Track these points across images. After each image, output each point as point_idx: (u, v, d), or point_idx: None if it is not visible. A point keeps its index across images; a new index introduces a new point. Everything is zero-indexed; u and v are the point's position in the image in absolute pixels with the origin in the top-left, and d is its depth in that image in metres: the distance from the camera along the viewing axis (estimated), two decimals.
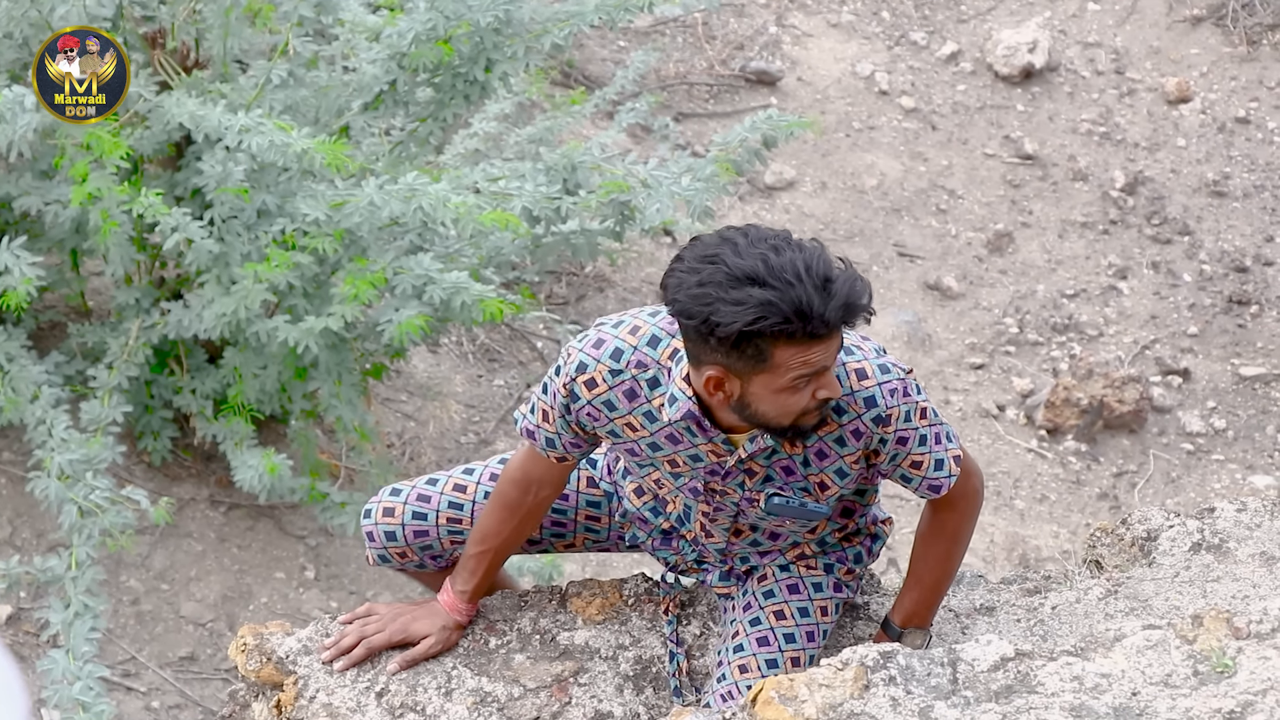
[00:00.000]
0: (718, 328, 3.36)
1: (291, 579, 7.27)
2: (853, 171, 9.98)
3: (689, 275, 3.39)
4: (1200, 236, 9.71)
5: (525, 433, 3.83)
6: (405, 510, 4.06)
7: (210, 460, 7.33)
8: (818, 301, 3.33)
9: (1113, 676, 3.20)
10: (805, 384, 3.45)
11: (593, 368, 3.67)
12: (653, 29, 10.51)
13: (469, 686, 4.02)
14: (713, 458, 3.71)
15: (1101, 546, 4.48)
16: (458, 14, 6.45)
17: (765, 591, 3.99)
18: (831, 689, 3.24)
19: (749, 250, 3.36)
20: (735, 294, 3.34)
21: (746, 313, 3.33)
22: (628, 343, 3.66)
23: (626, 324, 3.69)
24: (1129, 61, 10.64)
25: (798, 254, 3.36)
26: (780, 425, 3.54)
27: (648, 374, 3.65)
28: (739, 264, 3.35)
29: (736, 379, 3.47)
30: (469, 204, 5.96)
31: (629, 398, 3.67)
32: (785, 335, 3.36)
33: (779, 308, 3.33)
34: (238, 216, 6.31)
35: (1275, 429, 8.85)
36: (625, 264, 9.21)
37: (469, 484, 4.08)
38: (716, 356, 3.44)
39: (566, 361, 3.70)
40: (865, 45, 10.68)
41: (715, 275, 3.36)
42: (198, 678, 6.87)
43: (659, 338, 3.65)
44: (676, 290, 3.41)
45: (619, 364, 3.65)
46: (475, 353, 8.64)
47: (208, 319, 6.36)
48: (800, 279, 3.33)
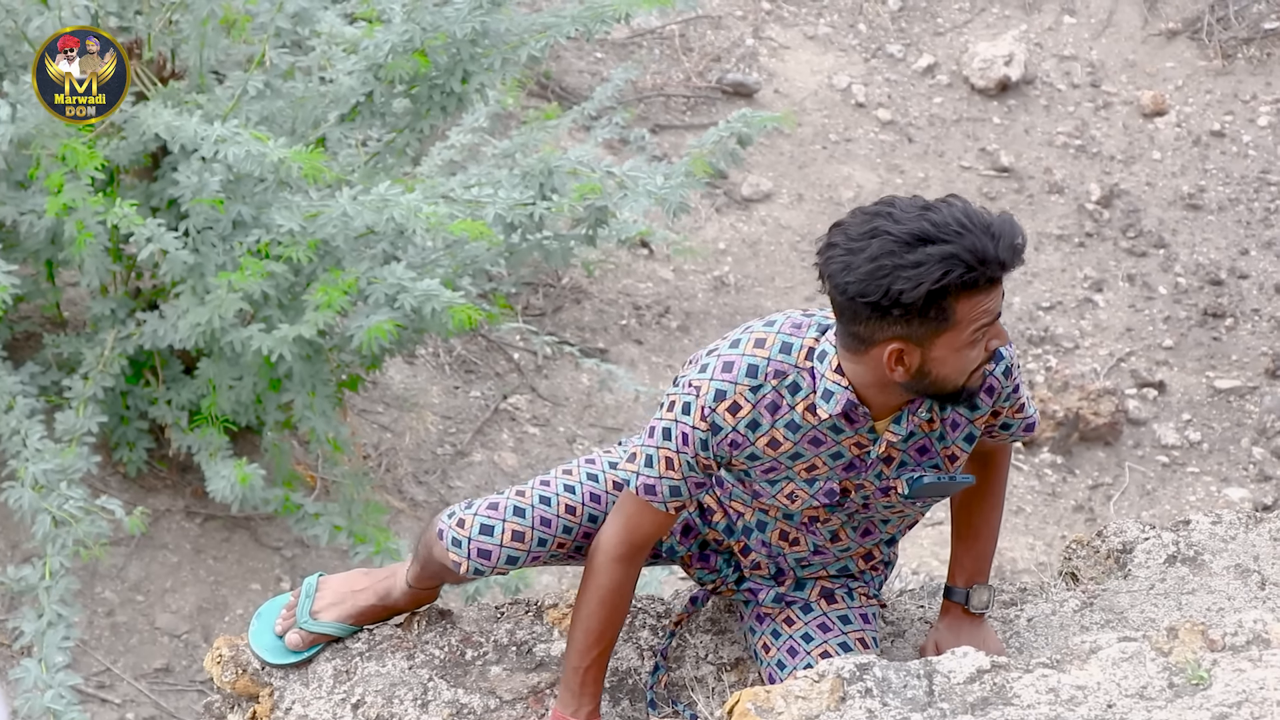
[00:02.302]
0: (902, 295, 3.34)
1: (267, 590, 7.26)
2: (829, 183, 9.99)
3: (854, 255, 3.37)
4: (1176, 249, 9.73)
5: (643, 490, 3.70)
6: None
7: (186, 471, 7.32)
8: (990, 246, 3.34)
9: (1088, 688, 3.21)
10: (982, 336, 3.46)
11: (732, 392, 3.60)
12: (630, 40, 10.52)
13: (445, 698, 4.02)
14: (854, 451, 3.68)
15: (1077, 559, 4.49)
16: (434, 26, 6.45)
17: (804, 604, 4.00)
18: (808, 701, 3.24)
19: (905, 215, 3.36)
20: (912, 257, 3.33)
21: (931, 270, 3.32)
22: (759, 356, 3.61)
23: (746, 340, 3.64)
24: (1105, 75, 10.66)
25: (952, 208, 3.37)
26: (955, 387, 3.53)
27: (787, 381, 3.61)
28: (904, 229, 3.34)
29: (916, 348, 3.44)
30: (440, 213, 5.95)
31: (771, 411, 3.61)
32: (968, 286, 3.36)
33: (960, 259, 3.33)
34: (213, 227, 6.30)
35: (1250, 441, 8.87)
36: (602, 275, 9.21)
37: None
38: (896, 329, 3.41)
39: (697, 396, 3.61)
40: (842, 57, 10.69)
41: (885, 246, 3.35)
42: (173, 689, 6.85)
43: (790, 343, 3.61)
44: (845, 273, 3.38)
45: (757, 379, 3.60)
46: (452, 364, 8.63)
47: (183, 329, 6.35)
48: (966, 228, 3.34)
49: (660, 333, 9.12)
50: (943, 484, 3.75)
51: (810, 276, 9.49)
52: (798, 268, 9.55)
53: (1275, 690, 3.08)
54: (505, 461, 8.24)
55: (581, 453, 8.38)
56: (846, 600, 3.99)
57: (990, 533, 4.04)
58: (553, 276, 9.09)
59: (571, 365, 8.73)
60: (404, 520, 7.74)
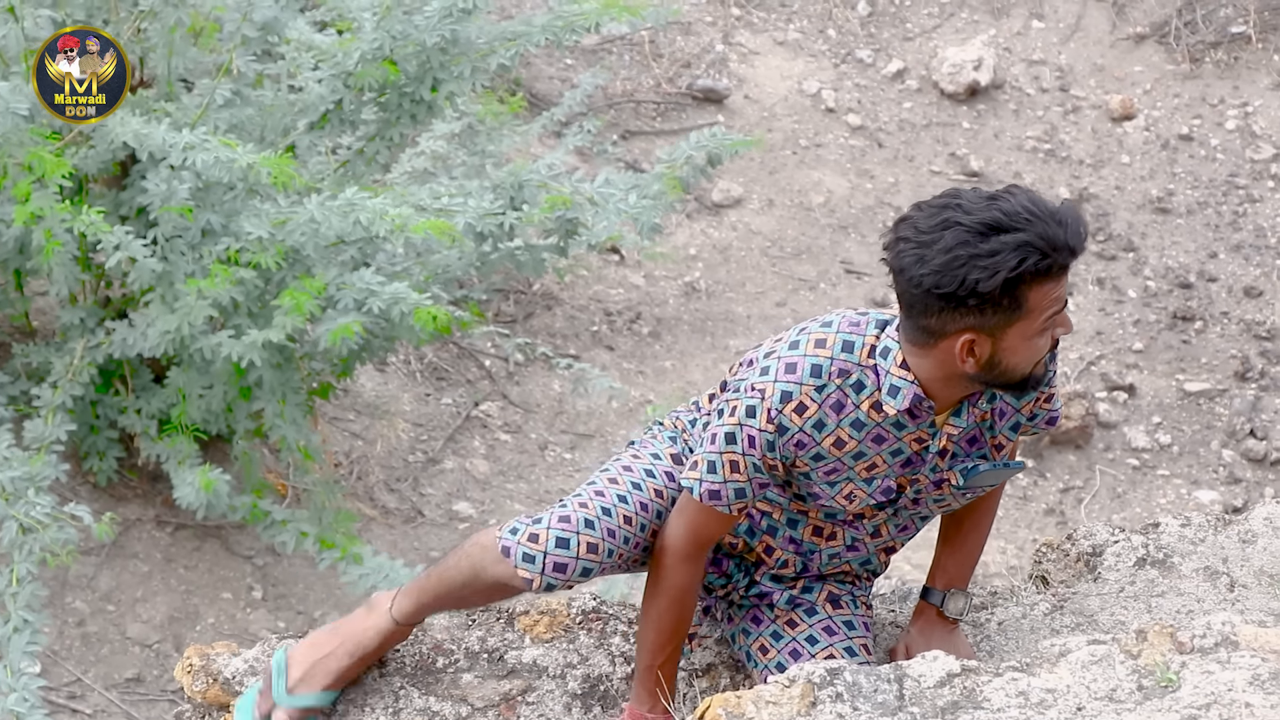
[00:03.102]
0: (979, 284, 3.36)
1: (239, 599, 7.25)
2: (800, 189, 10.00)
3: (926, 248, 3.40)
4: (1145, 253, 9.76)
5: (707, 495, 3.69)
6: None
7: (156, 480, 7.30)
8: (1060, 233, 3.37)
9: (1058, 692, 3.21)
10: (1050, 324, 3.48)
11: (798, 392, 3.60)
12: (600, 47, 10.52)
13: (417, 706, 4.01)
14: (914, 447, 3.69)
15: (1047, 562, 4.49)
16: (404, 34, 6.45)
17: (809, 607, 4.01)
18: (779, 706, 3.24)
19: (975, 205, 3.39)
20: (987, 246, 3.36)
21: (1008, 259, 3.34)
22: (822, 355, 3.61)
23: (806, 341, 3.64)
24: (1073, 79, 10.69)
25: (1018, 197, 3.40)
26: (1023, 376, 3.54)
27: (851, 380, 3.61)
28: (976, 219, 3.37)
29: (988, 338, 3.46)
30: (405, 214, 5.94)
31: (837, 410, 3.62)
32: (1041, 274, 3.38)
33: (1034, 246, 3.35)
34: (182, 235, 6.29)
35: (1219, 444, 8.90)
36: (573, 282, 9.21)
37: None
38: (969, 320, 3.43)
39: (763, 399, 3.60)
40: (812, 63, 10.71)
41: (958, 237, 3.37)
42: (144, 699, 6.83)
43: (851, 341, 3.61)
44: (919, 266, 3.40)
45: (821, 379, 3.60)
46: (423, 371, 8.62)
47: (152, 337, 6.33)
48: (1036, 216, 3.37)
49: (631, 338, 9.12)
50: (997, 471, 3.78)
51: (782, 282, 9.51)
52: (768, 273, 9.56)
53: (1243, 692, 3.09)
54: (477, 469, 8.23)
55: (553, 460, 8.38)
56: (850, 606, 4.00)
57: (978, 539, 4.05)
58: (524, 283, 9.09)
59: (543, 371, 8.73)
60: (375, 528, 7.73)
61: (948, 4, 11.08)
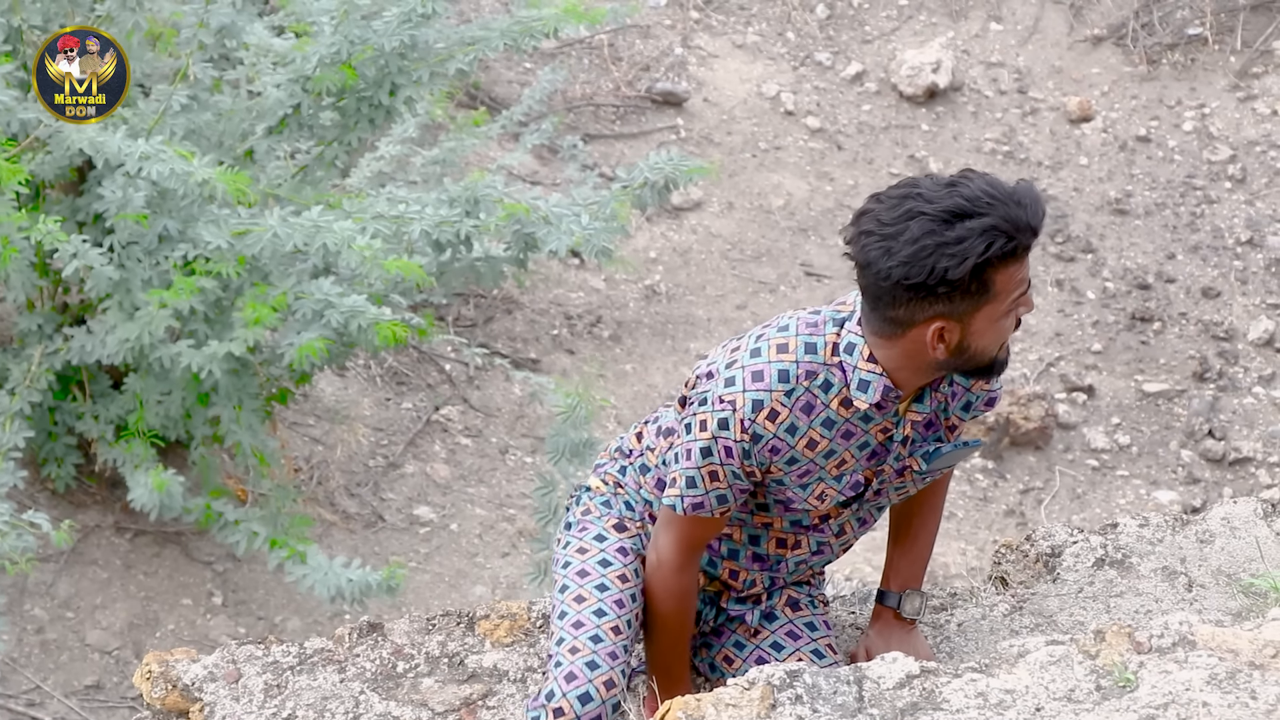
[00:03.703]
0: (948, 272, 3.37)
1: (199, 605, 7.23)
2: (759, 192, 10.01)
3: (892, 240, 3.41)
4: (1103, 254, 9.79)
5: (691, 509, 3.69)
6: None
7: (115, 487, 7.28)
8: (1023, 214, 3.39)
9: (1017, 692, 3.22)
10: (1016, 304, 3.50)
11: (769, 400, 3.60)
12: (559, 50, 10.52)
13: (377, 711, 4.01)
14: (880, 437, 3.70)
15: (1006, 563, 4.50)
16: (362, 38, 6.44)
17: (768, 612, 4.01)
18: (739, 709, 3.24)
19: (936, 193, 3.40)
20: (953, 234, 3.37)
21: (976, 244, 3.36)
22: (786, 360, 3.61)
23: (767, 348, 3.64)
24: (1031, 81, 10.72)
25: (976, 181, 3.41)
26: (990, 359, 3.57)
27: (818, 380, 3.61)
28: (938, 207, 3.38)
29: (958, 324, 3.48)
30: (374, 248, 5.94)
31: (807, 412, 3.62)
32: (1007, 256, 3.39)
33: (999, 229, 3.37)
34: (138, 242, 6.27)
35: (1178, 444, 8.93)
36: (533, 286, 9.20)
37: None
38: (938, 307, 3.45)
39: (734, 410, 3.60)
40: (771, 66, 10.72)
41: (923, 226, 3.38)
42: (104, 706, 6.81)
43: (813, 343, 3.62)
44: (886, 258, 3.41)
45: (789, 383, 3.60)
46: (383, 376, 8.61)
47: (111, 345, 6.31)
48: (997, 199, 3.39)
49: (592, 342, 9.12)
50: (956, 451, 3.80)
51: (742, 285, 9.52)
52: (729, 276, 9.56)
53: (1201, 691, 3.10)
54: (438, 473, 8.22)
55: (514, 464, 8.37)
56: (809, 607, 4.01)
57: (928, 539, 4.06)
58: (484, 288, 9.08)
59: (503, 376, 8.73)
60: (336, 533, 7.72)
61: (906, 6, 11.10)
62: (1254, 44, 10.76)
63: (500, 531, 8.02)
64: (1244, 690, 3.09)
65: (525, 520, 8.06)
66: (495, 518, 8.08)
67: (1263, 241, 9.85)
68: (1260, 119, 10.47)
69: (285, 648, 4.21)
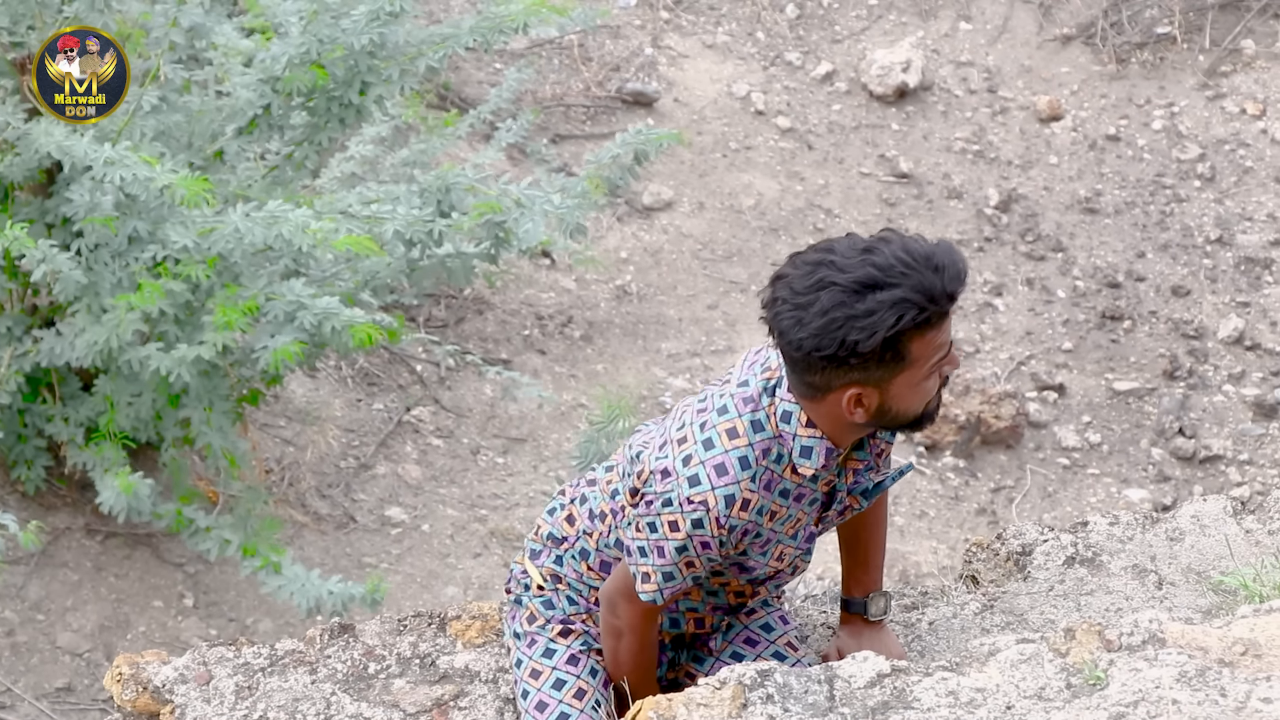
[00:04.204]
0: (858, 345, 3.33)
1: (170, 607, 7.21)
2: (730, 191, 10.02)
3: (803, 310, 3.36)
4: (1073, 253, 9.81)
5: (668, 594, 3.66)
6: None
7: (85, 489, 7.26)
8: (937, 281, 3.33)
9: (987, 691, 3.23)
10: (937, 367, 3.45)
11: (739, 491, 3.55)
12: (529, 50, 10.51)
13: (348, 712, 4.00)
14: (824, 489, 3.68)
15: (977, 561, 4.51)
16: (331, 38, 6.43)
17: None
18: (710, 708, 3.25)
19: (848, 262, 3.34)
20: (863, 306, 3.32)
21: (885, 318, 3.31)
22: (742, 445, 3.55)
23: (718, 437, 3.57)
24: (1001, 80, 10.74)
25: (891, 245, 3.36)
26: (915, 416, 3.53)
27: (772, 455, 3.56)
28: (850, 277, 3.33)
29: (875, 390, 3.44)
30: (326, 228, 5.93)
31: (768, 488, 3.58)
32: (920, 326, 3.35)
33: (910, 301, 3.32)
34: (107, 245, 6.25)
35: (1149, 443, 8.95)
36: (504, 286, 9.20)
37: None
38: (852, 376, 3.41)
39: (708, 509, 3.54)
40: (741, 66, 10.72)
41: (834, 297, 3.33)
42: (75, 709, 6.79)
43: (757, 419, 3.56)
44: (797, 329, 3.37)
45: (751, 468, 3.55)
46: (354, 377, 8.60)
47: (80, 347, 6.30)
48: (911, 267, 3.32)
49: (563, 342, 9.12)
50: (894, 475, 3.79)
51: (713, 284, 9.52)
52: (699, 276, 9.57)
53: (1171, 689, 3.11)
54: (409, 474, 8.22)
55: (486, 465, 8.37)
56: (763, 608, 4.01)
57: (879, 546, 4.05)
58: (455, 288, 9.07)
59: (475, 376, 8.72)
60: (307, 534, 7.70)
61: (876, 6, 11.12)
62: (1222, 43, 10.79)
63: (472, 532, 8.01)
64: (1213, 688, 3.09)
65: (497, 521, 8.05)
66: (467, 518, 8.08)
67: (1232, 240, 9.88)
68: (1229, 117, 10.50)
69: (256, 649, 4.20)
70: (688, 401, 3.70)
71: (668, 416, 3.73)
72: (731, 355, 9.09)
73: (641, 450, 3.67)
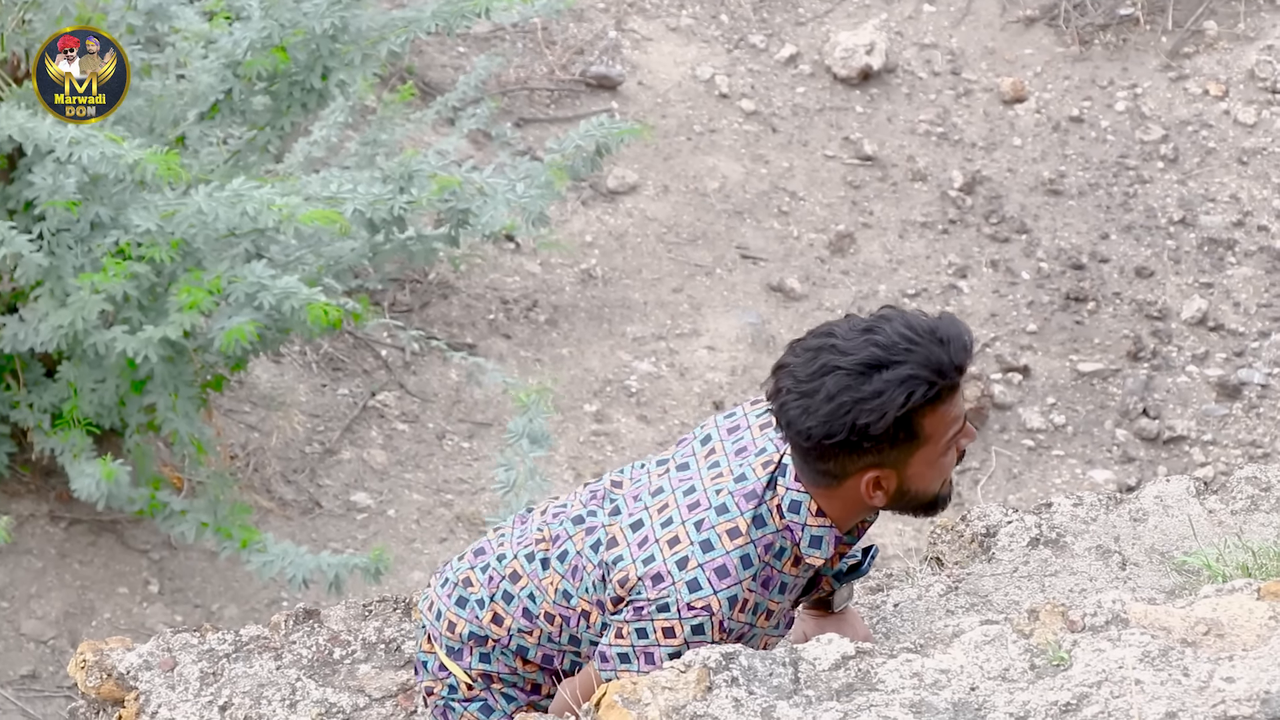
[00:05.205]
0: (870, 428, 3.26)
1: (135, 593, 7.19)
2: (694, 175, 10.01)
3: (809, 398, 3.29)
4: (1038, 235, 9.83)
5: None
6: None
7: (50, 475, 7.23)
8: (943, 354, 3.28)
9: (951, 672, 3.23)
10: (953, 441, 3.38)
11: (741, 592, 3.44)
12: (492, 34, 10.49)
13: (314, 697, 4.00)
14: (809, 574, 3.57)
15: (942, 543, 4.52)
16: (293, 22, 6.41)
17: None
18: (674, 691, 3.24)
19: (850, 344, 3.28)
20: (870, 387, 3.25)
21: (895, 397, 3.25)
22: (743, 544, 3.43)
23: (717, 538, 3.44)
24: (965, 62, 10.75)
25: (893, 322, 3.29)
26: (935, 494, 3.45)
27: (774, 549, 3.46)
28: (854, 360, 3.26)
29: (893, 470, 3.36)
30: (292, 203, 5.91)
31: (765, 586, 3.47)
32: (931, 401, 3.28)
33: (919, 378, 3.26)
34: (69, 229, 6.23)
35: (1113, 424, 8.98)
36: (469, 271, 9.19)
37: None
38: (869, 459, 3.33)
39: (710, 614, 3.42)
40: (705, 49, 10.72)
41: (839, 382, 3.26)
42: (40, 696, 6.78)
43: (760, 515, 3.45)
44: (805, 418, 3.29)
45: (753, 566, 3.44)
46: (319, 362, 8.58)
47: (44, 332, 6.28)
48: (915, 343, 3.27)
49: (528, 327, 9.11)
50: (870, 563, 3.75)
51: (678, 268, 9.52)
52: (664, 259, 9.56)
53: (1134, 669, 3.11)
54: (375, 459, 8.21)
55: (451, 449, 8.36)
56: None
57: None
58: (419, 272, 9.06)
59: (440, 361, 8.71)
60: (273, 520, 7.69)
61: None
62: (1185, 24, 10.81)
63: (438, 517, 8.01)
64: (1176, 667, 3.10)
65: (463, 505, 8.05)
66: (433, 503, 8.07)
67: (1195, 221, 9.90)
68: (1191, 99, 10.53)
69: (221, 635, 4.19)
70: (661, 483, 3.56)
71: (620, 494, 3.60)
72: (697, 339, 9.10)
73: (620, 557, 3.51)
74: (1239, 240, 9.80)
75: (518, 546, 3.67)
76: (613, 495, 3.62)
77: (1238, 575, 3.96)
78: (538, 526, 3.67)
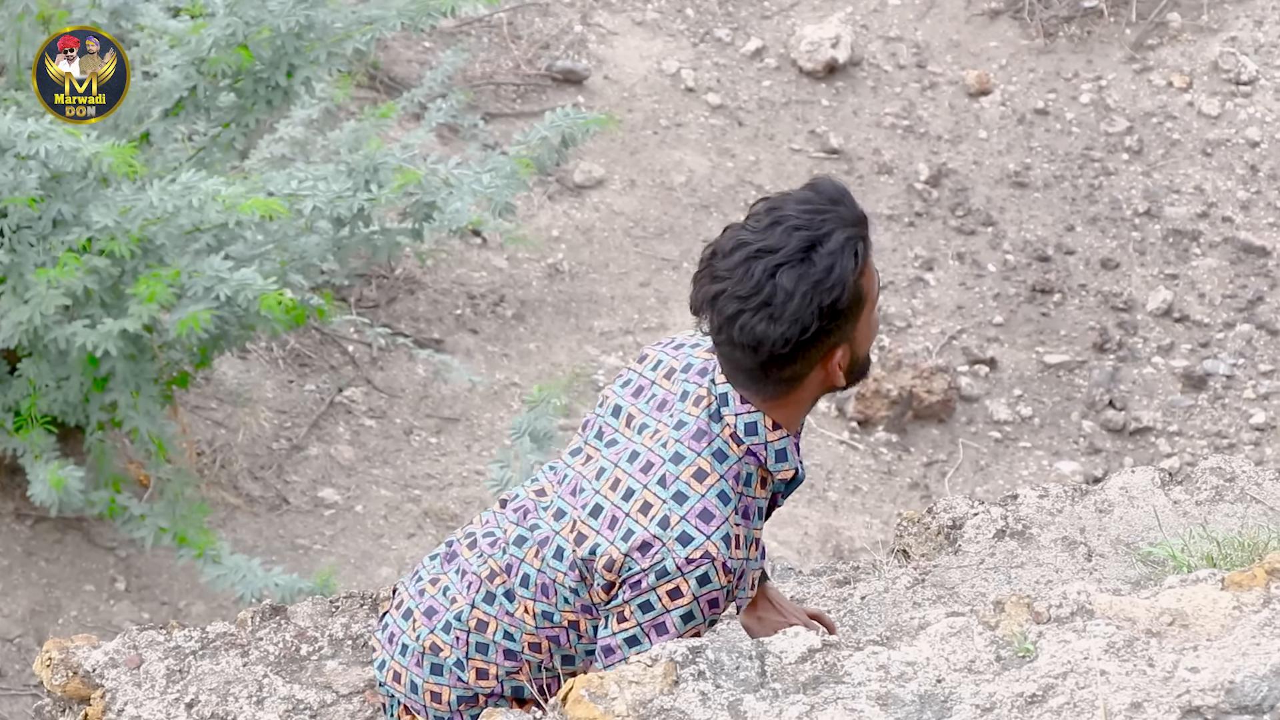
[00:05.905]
0: (838, 303, 3.24)
1: (102, 591, 7.18)
2: (661, 169, 10.02)
3: (769, 304, 3.25)
4: (1003, 227, 9.85)
5: None
6: None
7: (14, 473, 7.21)
8: (849, 209, 3.28)
9: (918, 664, 3.24)
10: (878, 295, 3.39)
11: (730, 528, 3.40)
12: (458, 29, 10.49)
13: (281, 694, 3.99)
14: (769, 494, 3.54)
15: (908, 536, 4.53)
16: (257, 19, 6.40)
17: None
18: (641, 685, 3.24)
19: (773, 239, 3.25)
20: (820, 265, 3.23)
21: (846, 264, 3.24)
22: (713, 482, 3.40)
23: (687, 485, 3.40)
24: (930, 55, 10.77)
25: (786, 205, 3.27)
26: (867, 356, 3.45)
27: (742, 478, 3.43)
28: (788, 250, 3.23)
29: (847, 344, 3.35)
30: (235, 193, 5.90)
31: (746, 516, 3.45)
32: (867, 254, 3.28)
33: (852, 236, 3.26)
34: (31, 226, 6.22)
35: (1079, 415, 9.00)
36: (435, 266, 9.18)
37: None
38: (831, 341, 3.31)
39: (712, 559, 3.37)
40: (671, 43, 10.72)
41: (791, 275, 3.22)
42: (6, 694, 6.76)
43: (720, 449, 3.42)
44: (772, 326, 3.25)
45: (731, 500, 3.41)
46: (285, 358, 8.57)
47: (5, 328, 6.26)
48: (824, 210, 3.26)
49: (495, 321, 9.11)
50: (801, 479, 3.70)
51: (645, 262, 9.52)
52: (631, 254, 9.57)
53: (1099, 660, 3.12)
54: (342, 455, 8.20)
55: (419, 445, 8.36)
56: None
57: None
58: (386, 268, 9.05)
59: (407, 356, 8.70)
60: (240, 516, 7.68)
61: None
62: (1149, 16, 10.84)
63: (405, 513, 8.00)
64: (1141, 658, 3.11)
65: (431, 500, 8.04)
66: (400, 499, 8.06)
67: (1160, 212, 9.93)
68: (1156, 90, 10.56)
69: (187, 632, 4.18)
70: (594, 468, 3.50)
71: (551, 498, 3.55)
72: (664, 332, 9.10)
73: (595, 546, 3.45)
74: (1204, 231, 9.83)
75: (470, 594, 3.61)
76: (543, 503, 3.57)
77: (1202, 566, 3.97)
78: (477, 568, 3.61)
